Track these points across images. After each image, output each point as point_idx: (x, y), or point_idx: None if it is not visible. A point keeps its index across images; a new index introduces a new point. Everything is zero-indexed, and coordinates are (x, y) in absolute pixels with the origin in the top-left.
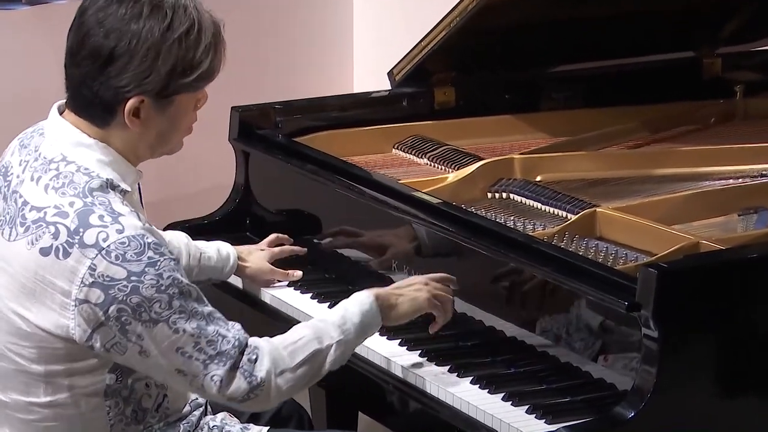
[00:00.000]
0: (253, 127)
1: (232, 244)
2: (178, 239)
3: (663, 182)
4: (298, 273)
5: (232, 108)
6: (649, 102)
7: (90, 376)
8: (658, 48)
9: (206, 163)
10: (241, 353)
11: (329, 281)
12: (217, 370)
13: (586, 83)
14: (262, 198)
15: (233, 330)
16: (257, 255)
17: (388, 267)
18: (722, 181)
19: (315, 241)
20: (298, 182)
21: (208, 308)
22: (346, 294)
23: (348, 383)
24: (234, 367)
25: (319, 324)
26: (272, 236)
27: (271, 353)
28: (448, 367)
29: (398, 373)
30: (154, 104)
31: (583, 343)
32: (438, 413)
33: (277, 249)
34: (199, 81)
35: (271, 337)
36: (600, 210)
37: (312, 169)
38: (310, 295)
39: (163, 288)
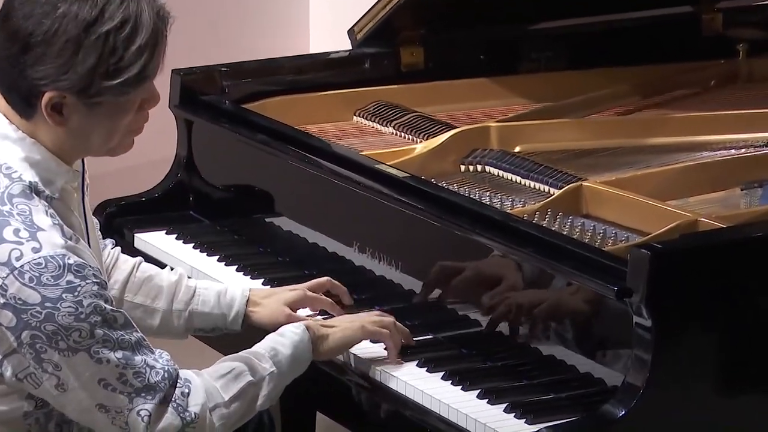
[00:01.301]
0: (197, 93)
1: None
2: (165, 277)
3: (657, 153)
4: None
5: (172, 71)
6: (641, 63)
7: (5, 401)
8: (652, 2)
9: (144, 133)
10: (173, 386)
11: (282, 265)
12: (145, 405)
13: (571, 42)
14: (207, 172)
15: (162, 360)
16: (276, 299)
17: (348, 249)
18: (723, 152)
19: (267, 220)
20: (248, 154)
21: (136, 335)
22: (302, 279)
23: (304, 380)
24: (164, 401)
25: (248, 356)
26: (323, 280)
27: (204, 386)
28: (416, 361)
29: (361, 368)
30: (79, 103)
31: (567, 334)
32: (406, 413)
33: (313, 295)
34: (126, 86)
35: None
36: (586, 184)
37: (263, 139)
38: (262, 281)
39: (83, 317)
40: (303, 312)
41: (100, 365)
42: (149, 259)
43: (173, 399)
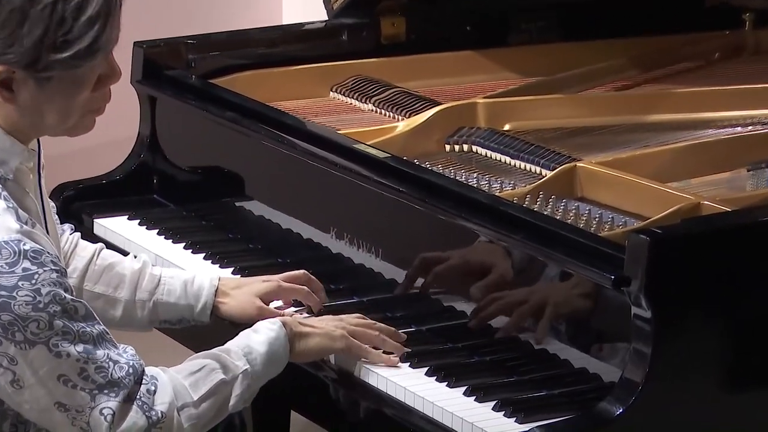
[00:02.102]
0: (161, 67)
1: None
2: (128, 265)
3: (657, 131)
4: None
5: (134, 44)
6: (640, 34)
7: None
8: None
9: (106, 112)
10: (138, 383)
11: (254, 253)
12: (108, 403)
13: (565, 11)
14: (172, 153)
15: (126, 355)
16: (247, 290)
17: (325, 235)
18: (728, 130)
19: (237, 204)
20: (216, 133)
21: (98, 328)
22: (275, 268)
23: (278, 377)
24: (129, 399)
25: (220, 353)
26: (299, 273)
27: (172, 384)
28: (398, 355)
29: (339, 363)
30: (28, 77)
31: (561, 327)
32: (387, 412)
33: (287, 285)
34: (76, 59)
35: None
36: (581, 165)
37: (232, 117)
38: (232, 270)
39: (41, 306)
40: (275, 304)
41: (60, 359)
42: (110, 246)
43: (138, 397)
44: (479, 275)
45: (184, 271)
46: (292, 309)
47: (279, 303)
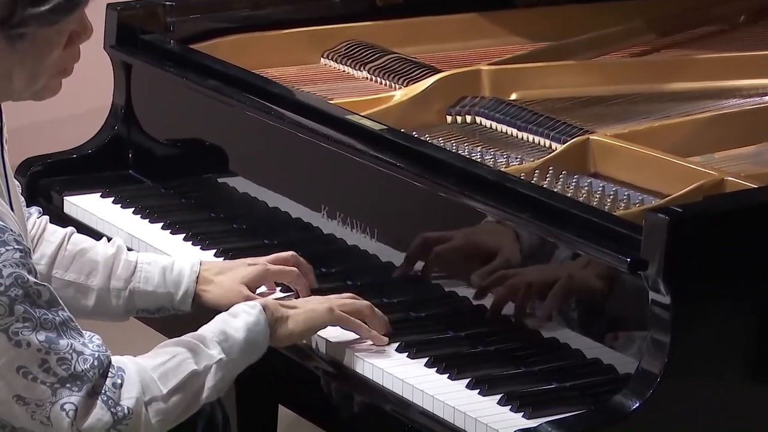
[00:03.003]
0: (137, 31)
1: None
2: (101, 251)
3: (677, 101)
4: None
5: (107, 6)
6: None
7: None
8: None
9: (75, 79)
10: (103, 376)
11: (238, 233)
12: (71, 397)
13: None
14: (149, 124)
15: (92, 345)
16: (232, 276)
17: (316, 215)
18: (755, 99)
19: (219, 180)
20: (197, 103)
21: (63, 315)
22: (261, 250)
23: (264, 368)
24: (93, 394)
25: (193, 341)
26: (287, 254)
27: (140, 375)
28: (396, 345)
29: (331, 353)
30: (0, 36)
31: (572, 314)
32: (383, 406)
33: (275, 268)
34: (54, 14)
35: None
36: (594, 138)
37: (215, 85)
38: (214, 252)
39: (1, 289)
40: (263, 290)
41: (19, 349)
42: (81, 227)
43: (103, 391)
44: (483, 258)
45: (163, 257)
46: (280, 294)
47: (265, 289)
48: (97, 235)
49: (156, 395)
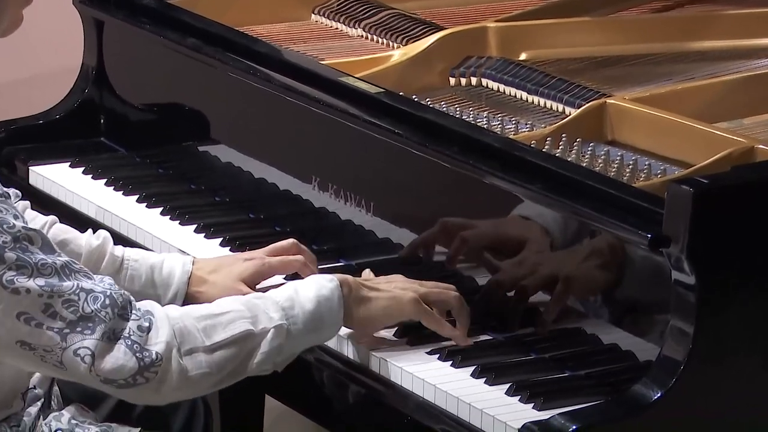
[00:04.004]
0: None
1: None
2: (84, 243)
3: (703, 61)
4: None
5: None
6: None
7: None
8: None
9: (41, 36)
10: (123, 317)
11: (220, 207)
12: (84, 341)
13: None
14: (123, 87)
15: (103, 284)
16: (227, 273)
17: (306, 186)
18: None
19: (200, 149)
20: (176, 64)
21: (62, 259)
22: (245, 226)
23: None
24: (113, 337)
25: (255, 300)
26: (287, 243)
27: (174, 322)
28: (393, 330)
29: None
30: None
31: (588, 296)
32: (381, 397)
33: (275, 260)
34: None
35: None
36: (612, 101)
37: (195, 44)
38: (194, 227)
39: None
40: (266, 284)
41: (18, 296)
42: (47, 200)
43: (127, 335)
44: (489, 234)
45: (152, 254)
46: (281, 278)
47: (270, 283)
48: (64, 210)
49: (197, 345)
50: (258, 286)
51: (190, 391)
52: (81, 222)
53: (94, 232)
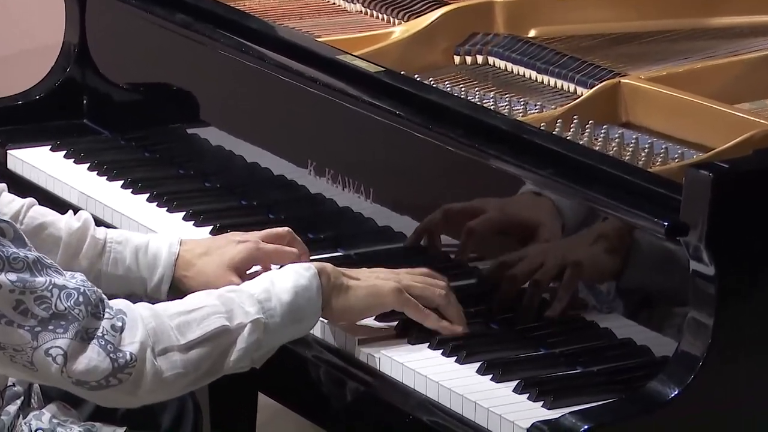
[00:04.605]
0: None
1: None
2: (64, 226)
3: (724, 38)
4: None
5: None
6: None
7: None
8: None
9: (20, 13)
10: (96, 316)
11: (210, 193)
12: (56, 341)
13: None
14: (107, 66)
15: (75, 280)
16: (217, 257)
17: (302, 171)
18: None
19: (189, 131)
20: (163, 41)
21: (33, 254)
22: (237, 212)
23: None
24: (87, 337)
25: (229, 294)
26: (282, 230)
27: (147, 321)
28: (395, 323)
29: (320, 335)
30: None
31: (601, 287)
32: (381, 394)
33: (270, 247)
34: None
35: None
36: (626, 81)
37: (183, 20)
38: (183, 214)
39: None
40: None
41: None
42: (27, 185)
43: (100, 334)
44: (495, 221)
45: (137, 234)
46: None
47: (260, 268)
48: (45, 196)
49: (171, 345)
50: (249, 272)
51: (164, 392)
52: (62, 209)
53: (75, 214)
